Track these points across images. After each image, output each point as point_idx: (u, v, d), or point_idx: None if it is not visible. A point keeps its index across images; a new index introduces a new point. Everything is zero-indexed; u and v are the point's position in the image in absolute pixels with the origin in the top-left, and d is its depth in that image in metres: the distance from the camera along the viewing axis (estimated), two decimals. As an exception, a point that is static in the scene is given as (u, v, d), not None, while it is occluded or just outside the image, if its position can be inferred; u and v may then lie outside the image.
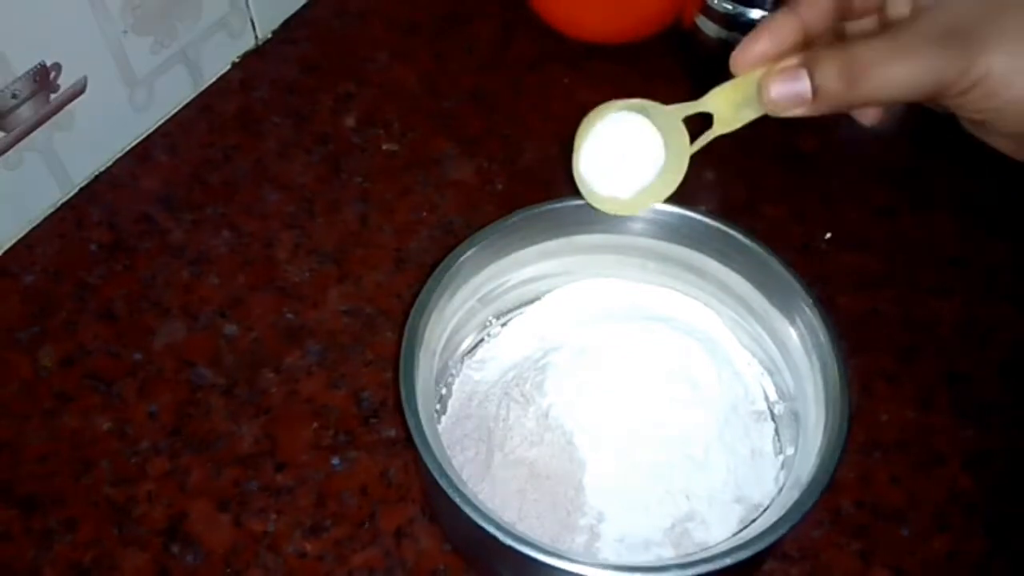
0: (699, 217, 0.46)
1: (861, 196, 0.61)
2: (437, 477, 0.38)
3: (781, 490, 0.43)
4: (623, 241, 0.48)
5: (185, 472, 0.49)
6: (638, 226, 0.47)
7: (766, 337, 0.47)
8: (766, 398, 0.48)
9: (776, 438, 0.47)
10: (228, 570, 0.45)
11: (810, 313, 0.43)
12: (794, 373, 0.45)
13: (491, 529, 0.37)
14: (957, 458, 0.49)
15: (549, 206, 0.47)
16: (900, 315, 0.55)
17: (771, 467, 0.46)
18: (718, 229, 0.46)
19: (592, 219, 0.47)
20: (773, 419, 0.47)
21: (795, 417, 0.45)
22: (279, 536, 0.46)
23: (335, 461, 0.49)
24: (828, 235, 0.58)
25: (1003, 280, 0.56)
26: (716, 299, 0.49)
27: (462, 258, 0.45)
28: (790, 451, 0.45)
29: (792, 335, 0.45)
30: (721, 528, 0.43)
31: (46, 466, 0.49)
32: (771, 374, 0.48)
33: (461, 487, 0.38)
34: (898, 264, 0.57)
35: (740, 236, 0.45)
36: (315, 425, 0.50)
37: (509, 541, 0.37)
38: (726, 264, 0.47)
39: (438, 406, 0.47)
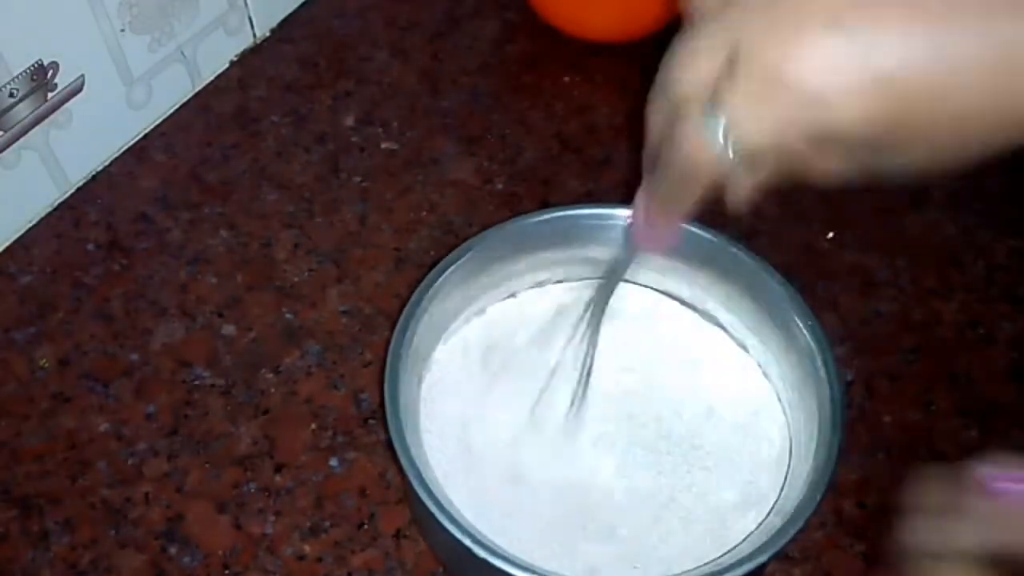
0: (695, 230, 0.46)
1: (862, 196, 0.60)
2: (421, 494, 0.38)
3: (781, 494, 0.43)
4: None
5: (183, 473, 0.48)
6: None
7: (764, 340, 0.47)
8: (766, 402, 0.47)
9: (777, 440, 0.46)
10: (226, 572, 0.45)
11: (802, 318, 0.43)
12: (791, 376, 0.45)
13: (467, 541, 0.36)
14: (960, 459, 0.49)
15: (539, 217, 0.47)
16: (901, 315, 0.55)
17: (773, 471, 0.45)
18: (712, 241, 0.46)
19: (589, 234, 0.47)
20: (772, 421, 0.47)
21: (795, 420, 0.45)
22: (278, 538, 0.46)
23: (334, 462, 0.49)
24: (830, 235, 0.58)
25: (1003, 280, 0.56)
26: (715, 302, 0.49)
27: (445, 274, 0.45)
28: (787, 456, 0.45)
29: (787, 339, 0.45)
30: (724, 528, 0.43)
31: (43, 467, 0.48)
32: (769, 378, 0.47)
33: (441, 499, 0.38)
34: (899, 264, 0.57)
35: (733, 247, 0.46)
36: (314, 426, 0.50)
37: (483, 554, 0.36)
38: (721, 269, 0.47)
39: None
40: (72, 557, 0.46)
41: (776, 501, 0.43)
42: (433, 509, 0.37)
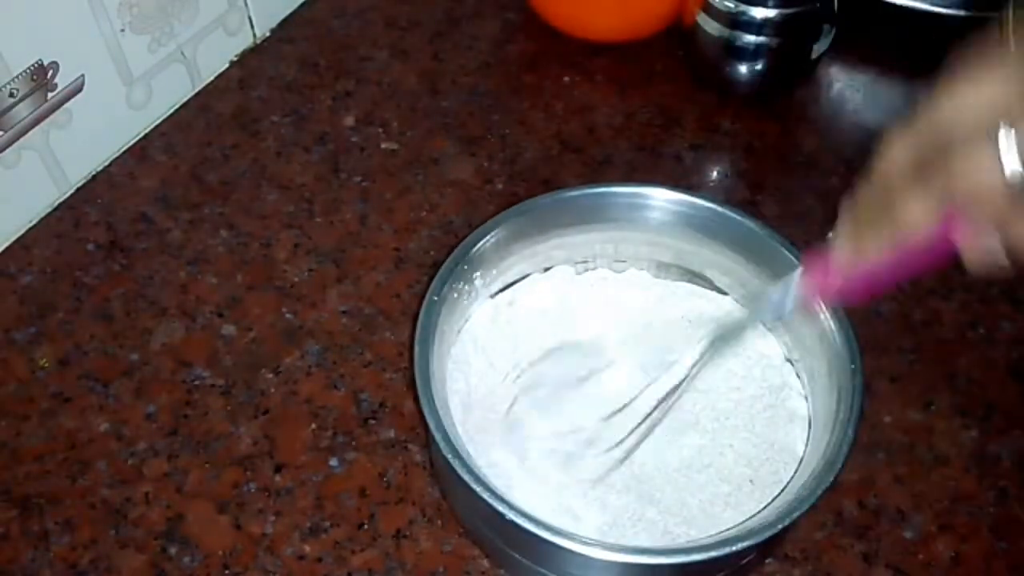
0: (729, 212, 0.48)
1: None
2: (453, 463, 0.38)
3: (788, 484, 0.43)
4: (643, 236, 0.49)
5: (183, 473, 0.48)
6: (655, 215, 0.48)
7: (788, 334, 0.47)
8: (788, 393, 0.48)
9: (794, 434, 0.47)
10: (226, 572, 0.45)
11: (827, 314, 0.44)
12: (811, 369, 0.46)
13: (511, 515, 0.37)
14: (960, 459, 0.49)
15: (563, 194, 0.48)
16: (901, 316, 0.55)
17: (788, 461, 0.45)
18: (739, 221, 0.47)
19: (608, 214, 0.48)
20: (794, 416, 0.47)
21: (810, 411, 0.46)
22: (278, 538, 0.46)
23: (334, 462, 0.49)
24: (830, 235, 0.58)
25: (1003, 280, 0.56)
26: (735, 291, 0.49)
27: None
28: (802, 448, 0.45)
29: (811, 334, 0.45)
30: (737, 513, 0.43)
31: (43, 467, 0.48)
32: (793, 363, 0.48)
33: (478, 473, 0.38)
34: (899, 264, 0.57)
35: (757, 228, 0.47)
36: (314, 426, 0.50)
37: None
38: (743, 255, 0.48)
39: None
40: (72, 557, 0.46)
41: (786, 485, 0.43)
42: (484, 494, 0.38)
